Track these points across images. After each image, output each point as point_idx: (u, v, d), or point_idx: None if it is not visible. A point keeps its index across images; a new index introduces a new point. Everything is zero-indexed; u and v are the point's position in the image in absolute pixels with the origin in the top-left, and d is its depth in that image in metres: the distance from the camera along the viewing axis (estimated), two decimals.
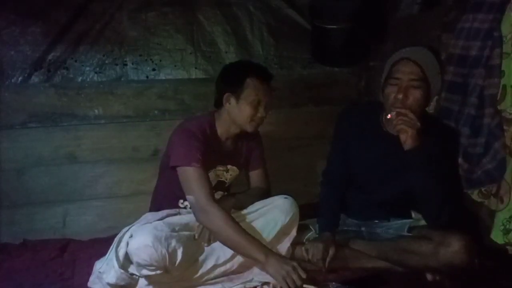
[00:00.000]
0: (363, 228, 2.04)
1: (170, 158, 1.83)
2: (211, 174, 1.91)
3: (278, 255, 1.75)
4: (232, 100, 1.85)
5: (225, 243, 1.75)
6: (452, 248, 1.71)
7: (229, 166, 1.98)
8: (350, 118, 1.97)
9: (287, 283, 1.64)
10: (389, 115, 1.75)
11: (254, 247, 1.71)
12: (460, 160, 2.02)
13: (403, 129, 1.72)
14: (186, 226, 1.82)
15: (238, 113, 1.85)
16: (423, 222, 1.92)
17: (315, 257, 1.82)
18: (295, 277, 1.64)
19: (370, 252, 1.92)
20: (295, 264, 1.69)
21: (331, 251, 1.85)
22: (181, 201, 1.93)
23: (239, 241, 1.71)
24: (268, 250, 1.74)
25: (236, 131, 1.92)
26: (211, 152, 1.86)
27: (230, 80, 1.87)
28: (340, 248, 1.91)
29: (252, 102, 1.82)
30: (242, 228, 1.74)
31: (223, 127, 1.91)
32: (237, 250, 1.75)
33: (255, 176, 2.05)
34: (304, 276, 1.66)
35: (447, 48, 2.17)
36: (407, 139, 1.73)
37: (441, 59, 1.81)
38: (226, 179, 1.99)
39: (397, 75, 1.73)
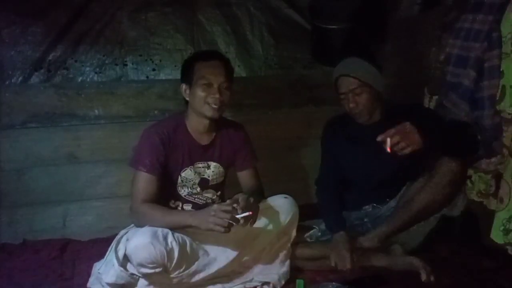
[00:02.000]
0: (366, 219, 2.10)
1: None
2: (189, 172, 1.91)
3: (200, 212, 1.72)
4: (187, 89, 1.87)
5: (163, 225, 1.74)
6: (445, 166, 1.87)
7: (210, 163, 1.96)
8: (333, 126, 2.18)
9: (219, 227, 1.63)
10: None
11: (181, 220, 1.73)
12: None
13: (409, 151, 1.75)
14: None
15: (193, 100, 1.85)
16: None
17: (345, 267, 1.86)
18: (222, 216, 1.62)
19: (385, 230, 1.95)
20: (213, 207, 1.66)
21: (355, 255, 1.90)
22: (172, 201, 1.93)
23: (169, 222, 1.72)
24: (192, 213, 1.79)
25: (205, 123, 1.89)
26: (181, 150, 1.88)
27: (184, 71, 1.91)
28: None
29: (202, 85, 1.81)
30: (168, 210, 1.83)
31: (192, 123, 1.91)
32: (172, 228, 1.73)
33: (246, 176, 2.02)
34: (228, 208, 1.64)
35: (446, 48, 2.17)
36: (417, 146, 1.76)
37: (375, 62, 2.03)
38: (209, 176, 1.96)
39: (341, 90, 2.01)
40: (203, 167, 1.94)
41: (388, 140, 1.72)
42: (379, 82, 2.00)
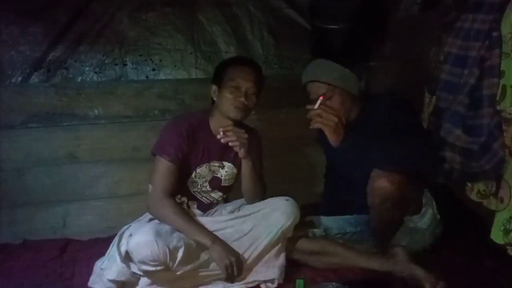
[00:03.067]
0: (364, 228, 2.07)
1: None
2: (205, 169, 1.94)
3: (224, 244, 1.79)
4: (216, 90, 1.94)
5: (176, 229, 1.79)
6: (372, 179, 1.87)
7: (224, 163, 1.99)
8: None
9: (227, 270, 1.72)
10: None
11: (201, 233, 1.79)
12: (451, 155, 2.03)
13: (321, 127, 1.87)
14: None
15: (220, 101, 1.91)
16: None
17: None
18: (235, 268, 1.73)
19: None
20: (239, 255, 1.77)
21: None
22: (179, 196, 1.94)
23: (187, 228, 1.78)
24: (215, 237, 1.79)
25: (227, 125, 1.92)
26: (201, 146, 1.92)
27: (216, 73, 1.99)
28: (338, 246, 1.96)
29: (231, 87, 1.88)
30: (190, 217, 1.86)
31: (215, 122, 1.95)
32: (186, 235, 1.78)
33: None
34: (242, 269, 1.76)
35: (445, 47, 2.17)
36: (329, 136, 1.88)
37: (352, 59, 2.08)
38: (222, 176, 1.99)
39: (311, 97, 2.00)
40: (218, 166, 1.98)
41: (318, 102, 1.86)
42: (350, 83, 1.97)
